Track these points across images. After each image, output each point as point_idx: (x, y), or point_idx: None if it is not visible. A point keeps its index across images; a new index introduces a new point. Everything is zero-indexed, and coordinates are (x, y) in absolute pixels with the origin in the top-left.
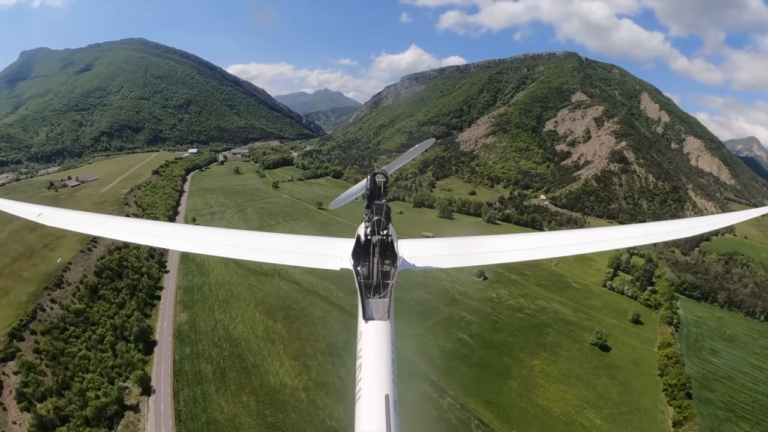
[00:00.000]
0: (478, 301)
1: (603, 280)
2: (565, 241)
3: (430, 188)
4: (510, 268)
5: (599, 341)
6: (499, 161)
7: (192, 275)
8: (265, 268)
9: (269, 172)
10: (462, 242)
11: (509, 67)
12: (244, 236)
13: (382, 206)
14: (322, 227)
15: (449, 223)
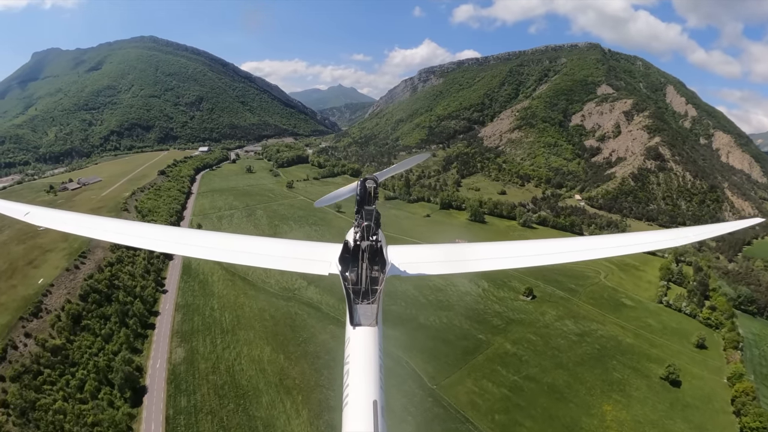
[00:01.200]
0: (528, 328)
1: (657, 295)
2: (556, 249)
3: (456, 187)
4: (557, 283)
5: (670, 376)
6: (527, 157)
7: (193, 296)
8: (277, 287)
9: (283, 170)
10: (452, 249)
11: (530, 59)
12: (233, 240)
13: (371, 212)
14: (342, 234)
15: (482, 228)
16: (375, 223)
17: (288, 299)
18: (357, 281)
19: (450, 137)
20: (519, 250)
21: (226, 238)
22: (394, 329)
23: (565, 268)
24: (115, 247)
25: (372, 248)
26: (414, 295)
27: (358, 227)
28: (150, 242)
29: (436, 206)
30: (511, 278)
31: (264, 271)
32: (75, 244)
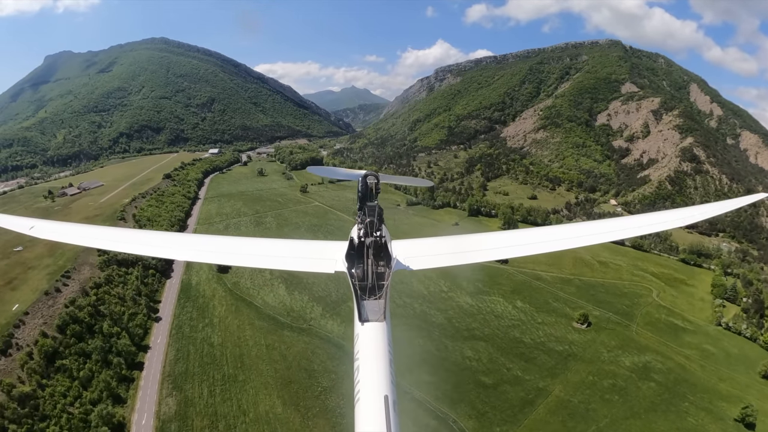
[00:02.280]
0: (589, 366)
1: (715, 316)
2: (562, 235)
3: (482, 191)
4: (608, 304)
5: (746, 417)
6: (555, 159)
7: (190, 325)
8: (288, 316)
9: (296, 173)
10: (456, 240)
11: (550, 56)
12: (236, 242)
13: (374, 207)
14: None
15: None
16: (378, 219)
17: (302, 332)
18: (363, 277)
19: (471, 137)
20: (523, 238)
21: (232, 241)
22: (423, 370)
23: (615, 287)
24: (105, 264)
25: (376, 244)
26: (441, 322)
27: (361, 224)
28: (154, 249)
29: (464, 213)
30: (556, 299)
31: (273, 295)
32: (60, 260)
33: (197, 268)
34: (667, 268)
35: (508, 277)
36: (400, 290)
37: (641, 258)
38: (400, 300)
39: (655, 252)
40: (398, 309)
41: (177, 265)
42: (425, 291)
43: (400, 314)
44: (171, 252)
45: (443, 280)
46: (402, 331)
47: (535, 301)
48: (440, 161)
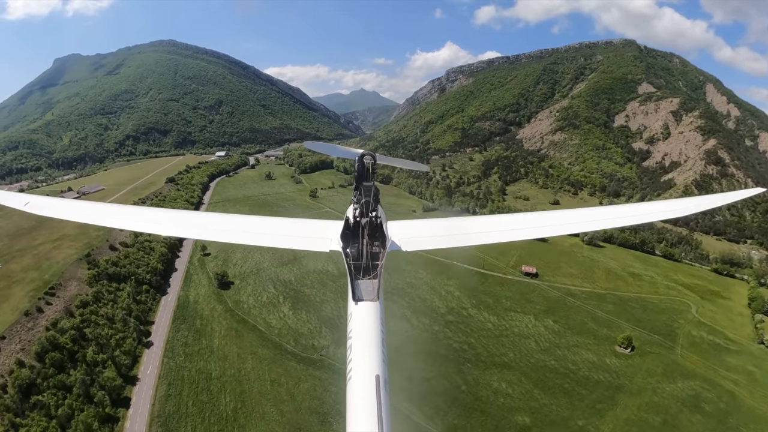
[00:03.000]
0: (637, 399)
1: (756, 333)
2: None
3: (501, 196)
4: (647, 323)
5: None
6: (575, 162)
7: (185, 354)
8: (297, 344)
9: (306, 176)
10: (451, 223)
11: (564, 56)
12: (231, 220)
13: (370, 188)
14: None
15: (545, 248)
16: (374, 199)
17: (312, 364)
18: (358, 257)
19: (486, 139)
20: (518, 222)
21: (228, 218)
22: (452, 411)
23: (651, 302)
24: (94, 279)
25: (372, 224)
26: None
27: (357, 204)
28: (146, 225)
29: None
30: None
31: (278, 316)
32: (47, 274)
33: (197, 282)
34: (701, 279)
35: (540, 294)
36: (417, 308)
37: (673, 268)
38: (417, 321)
39: (686, 261)
40: (414, 331)
41: (174, 279)
42: (444, 308)
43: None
44: (165, 228)
45: (465, 296)
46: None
47: (570, 321)
48: (455, 164)
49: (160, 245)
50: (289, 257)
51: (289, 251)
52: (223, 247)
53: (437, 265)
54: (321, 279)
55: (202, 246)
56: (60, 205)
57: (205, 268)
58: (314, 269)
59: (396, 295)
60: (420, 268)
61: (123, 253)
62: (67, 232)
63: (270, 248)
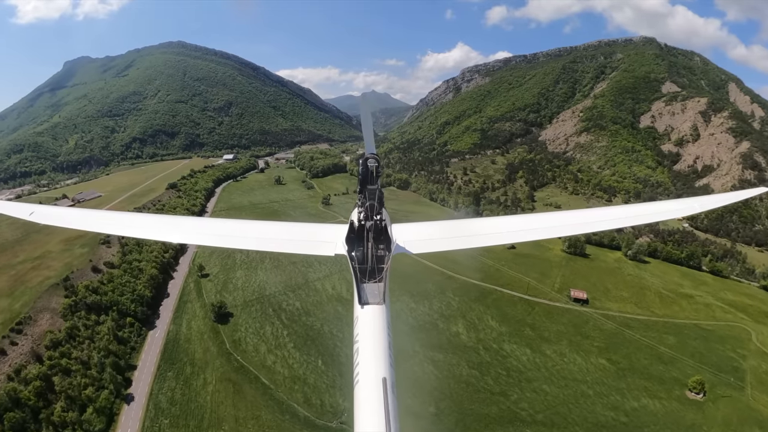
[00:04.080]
0: None
1: None
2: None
3: (530, 202)
4: (712, 358)
5: None
6: (605, 166)
7: (172, 414)
8: (309, 407)
9: (318, 181)
10: (456, 225)
11: (583, 55)
12: (236, 225)
13: (374, 191)
14: (411, 286)
15: (586, 264)
16: (378, 202)
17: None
18: (363, 260)
19: (507, 141)
20: (522, 224)
21: (231, 224)
22: None
23: (710, 331)
24: (70, 310)
25: (377, 227)
26: (497, 398)
27: (362, 207)
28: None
29: None
30: (648, 354)
31: (286, 362)
32: (18, 302)
33: (190, 312)
34: (752, 298)
35: (594, 326)
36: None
37: (722, 286)
38: (444, 359)
39: (733, 277)
40: (441, 375)
41: (165, 308)
42: (469, 339)
43: (443, 387)
44: (168, 234)
45: (506, 330)
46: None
47: (632, 360)
48: (477, 167)
49: (151, 266)
50: (299, 281)
51: (300, 274)
52: (224, 266)
53: (474, 291)
54: (335, 310)
55: (200, 266)
56: (64, 214)
57: (202, 293)
58: (327, 296)
59: (421, 330)
60: (451, 293)
61: (107, 276)
62: (50, 248)
63: (276, 269)
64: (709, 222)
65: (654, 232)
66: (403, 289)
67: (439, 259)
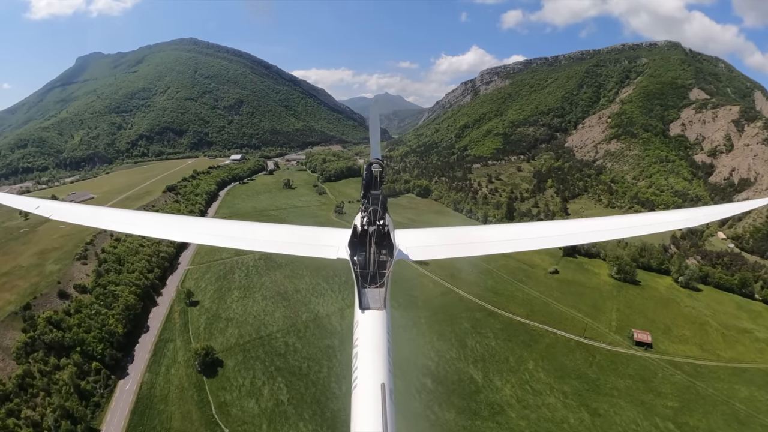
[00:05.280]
0: None
1: None
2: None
3: (563, 215)
4: None
5: None
6: (640, 176)
7: None
8: None
9: (330, 185)
10: (460, 232)
11: (606, 58)
12: (240, 227)
13: (378, 196)
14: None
15: (638, 293)
16: (382, 208)
17: None
18: (365, 265)
19: (531, 146)
20: (527, 232)
21: (233, 225)
22: None
23: None
24: (25, 350)
25: (379, 232)
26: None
27: (365, 212)
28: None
29: (554, 249)
30: (727, 414)
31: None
32: None
33: (170, 358)
34: None
35: (664, 378)
36: (474, 408)
37: None
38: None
39: None
40: None
41: (141, 347)
42: (519, 404)
43: None
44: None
45: (551, 376)
46: None
47: (711, 425)
48: (502, 174)
49: (128, 291)
50: (306, 316)
51: (306, 306)
52: (218, 290)
53: (521, 332)
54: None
55: (188, 291)
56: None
57: (188, 327)
58: (342, 338)
59: (453, 389)
60: (492, 334)
61: (75, 303)
62: (20, 262)
63: (278, 297)
64: (755, 242)
65: (701, 254)
66: (432, 328)
67: (475, 288)
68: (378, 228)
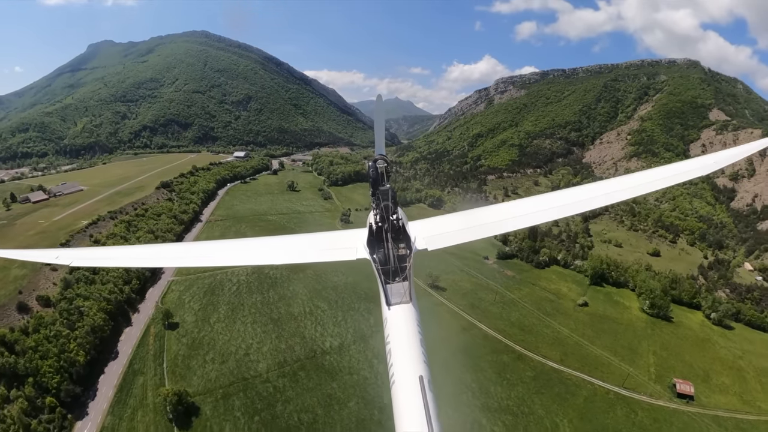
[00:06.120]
0: None
1: None
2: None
3: (586, 237)
4: None
5: None
6: (663, 198)
7: None
8: None
9: (336, 190)
10: (471, 215)
11: (625, 73)
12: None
13: (387, 191)
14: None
15: (672, 331)
16: (393, 202)
17: None
18: (385, 261)
19: (548, 160)
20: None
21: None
22: None
23: None
24: None
25: (394, 227)
26: None
27: (376, 209)
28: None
29: (580, 276)
30: None
31: None
32: None
33: (138, 398)
34: None
35: None
36: None
37: None
38: None
39: None
40: None
41: (106, 380)
42: None
43: None
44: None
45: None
46: None
47: None
48: (519, 188)
49: (97, 308)
50: (302, 352)
51: (302, 337)
52: (202, 308)
53: (556, 382)
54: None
55: (166, 312)
56: (91, 256)
57: (162, 356)
58: (353, 383)
59: None
60: (521, 385)
61: (34, 320)
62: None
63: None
64: None
65: (730, 287)
66: (450, 375)
67: (500, 322)
68: (392, 223)
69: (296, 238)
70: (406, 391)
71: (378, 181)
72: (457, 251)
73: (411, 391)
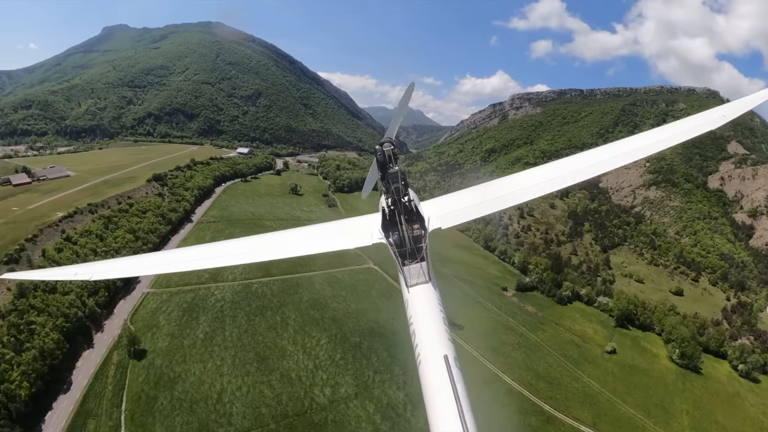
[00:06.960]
0: None
1: None
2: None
3: (606, 268)
4: None
5: None
6: (683, 232)
7: None
8: None
9: (341, 197)
10: (481, 189)
11: (643, 98)
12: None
13: (396, 173)
14: None
15: (708, 388)
16: (403, 184)
17: None
18: (401, 244)
19: None
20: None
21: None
22: None
23: None
24: None
25: (407, 209)
26: None
27: (387, 192)
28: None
29: (604, 315)
30: None
31: None
32: None
33: None
34: None
35: None
36: None
37: None
38: None
39: None
40: None
41: (53, 419)
42: None
43: None
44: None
45: None
46: None
47: None
48: (534, 210)
49: (52, 324)
50: (297, 405)
51: (298, 377)
52: (176, 332)
53: None
54: None
55: (132, 337)
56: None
57: (122, 396)
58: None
59: None
60: None
61: None
62: None
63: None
64: None
65: (754, 334)
66: None
67: (525, 372)
68: (405, 204)
69: (309, 230)
70: (433, 371)
71: (386, 165)
72: (471, 278)
73: (437, 370)
